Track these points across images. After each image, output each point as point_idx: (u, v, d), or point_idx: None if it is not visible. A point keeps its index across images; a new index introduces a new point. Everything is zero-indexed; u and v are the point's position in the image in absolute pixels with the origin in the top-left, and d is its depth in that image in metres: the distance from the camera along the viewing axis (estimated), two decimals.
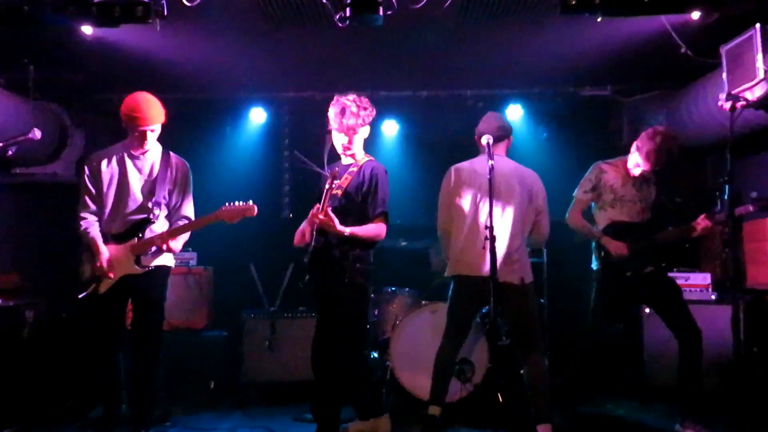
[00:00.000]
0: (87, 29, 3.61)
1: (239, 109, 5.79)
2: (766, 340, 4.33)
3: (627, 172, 3.91)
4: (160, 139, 3.64)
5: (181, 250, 4.99)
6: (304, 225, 3.57)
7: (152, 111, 3.46)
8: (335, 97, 3.52)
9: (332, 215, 3.27)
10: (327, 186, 3.34)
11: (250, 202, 3.44)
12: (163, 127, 3.57)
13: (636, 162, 3.86)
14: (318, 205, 3.30)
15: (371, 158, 3.62)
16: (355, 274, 3.42)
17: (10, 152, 3.18)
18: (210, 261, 5.23)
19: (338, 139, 3.53)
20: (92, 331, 3.58)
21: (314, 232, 3.43)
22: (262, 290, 5.22)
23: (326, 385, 3.41)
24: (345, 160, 3.61)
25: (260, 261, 5.41)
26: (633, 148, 3.87)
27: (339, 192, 3.45)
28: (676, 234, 3.82)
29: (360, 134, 3.53)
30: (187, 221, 3.61)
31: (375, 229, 3.44)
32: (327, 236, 3.40)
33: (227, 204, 3.43)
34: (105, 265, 3.39)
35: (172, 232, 3.46)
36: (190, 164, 3.78)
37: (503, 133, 3.66)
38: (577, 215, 3.92)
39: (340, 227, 3.28)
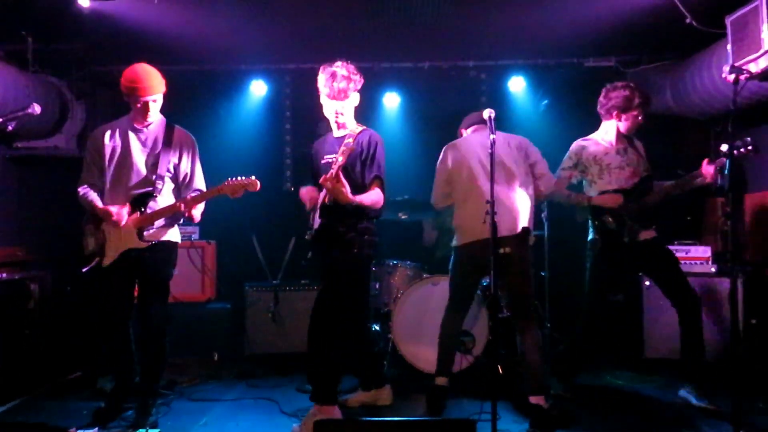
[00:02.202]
0: (84, 1, 3.57)
1: (240, 82, 5.74)
2: (765, 312, 4.35)
3: (606, 140, 3.93)
4: (162, 111, 3.61)
5: (184, 224, 5.06)
6: (309, 188, 3.59)
7: (152, 80, 3.40)
8: (322, 66, 3.48)
9: (344, 181, 3.22)
10: (339, 155, 3.27)
11: (253, 177, 3.38)
12: (164, 98, 3.53)
13: (611, 125, 3.90)
14: (330, 173, 3.23)
15: (365, 127, 3.57)
16: (363, 246, 3.43)
17: (10, 127, 3.15)
18: (212, 234, 5.25)
19: (330, 107, 3.49)
20: (101, 304, 3.57)
21: (317, 209, 3.42)
22: (265, 263, 5.26)
23: (322, 354, 3.40)
24: (337, 132, 3.56)
25: (262, 234, 5.44)
26: (604, 112, 3.92)
27: (342, 161, 3.39)
28: (680, 185, 3.79)
29: (351, 101, 3.49)
30: (198, 193, 3.58)
31: (375, 195, 3.41)
32: (330, 214, 3.37)
33: (230, 179, 3.39)
34: (112, 212, 3.36)
35: (195, 199, 3.43)
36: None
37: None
38: (560, 188, 3.94)
39: (350, 195, 3.24)
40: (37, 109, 3.20)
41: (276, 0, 4.21)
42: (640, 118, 3.85)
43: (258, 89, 5.79)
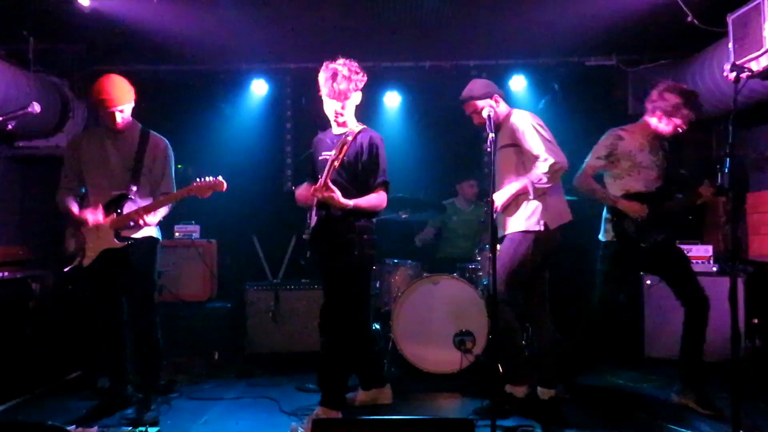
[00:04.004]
0: (84, 1, 3.57)
1: (241, 81, 5.74)
2: (767, 312, 4.34)
3: (643, 137, 3.79)
4: (160, 110, 3.65)
5: (185, 223, 5.09)
6: (306, 185, 3.57)
7: (117, 92, 3.49)
8: (325, 63, 3.42)
9: (334, 188, 3.22)
10: (331, 157, 3.28)
11: (220, 177, 3.45)
12: (164, 98, 3.56)
13: (652, 122, 3.75)
14: (320, 180, 3.25)
15: (365, 126, 3.54)
16: (364, 245, 3.41)
17: (9, 126, 3.16)
18: (213, 233, 5.26)
19: (330, 106, 3.46)
20: (88, 302, 3.67)
21: (315, 206, 3.42)
22: (265, 262, 5.26)
23: (336, 356, 3.42)
24: (336, 130, 3.53)
25: (263, 233, 5.45)
26: (650, 108, 3.74)
27: (336, 163, 3.35)
28: (682, 202, 3.77)
29: (352, 100, 3.45)
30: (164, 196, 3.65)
31: (377, 199, 3.40)
32: (329, 209, 3.37)
33: (198, 179, 3.47)
34: (87, 218, 3.47)
35: (147, 208, 3.49)
36: (192, 136, 3.80)
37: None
38: (588, 179, 3.79)
39: (343, 200, 3.25)
40: (36, 108, 3.21)
41: (276, 0, 4.21)
42: (680, 129, 3.71)
43: (259, 89, 5.79)
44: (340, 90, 3.35)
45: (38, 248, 4.97)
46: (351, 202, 3.29)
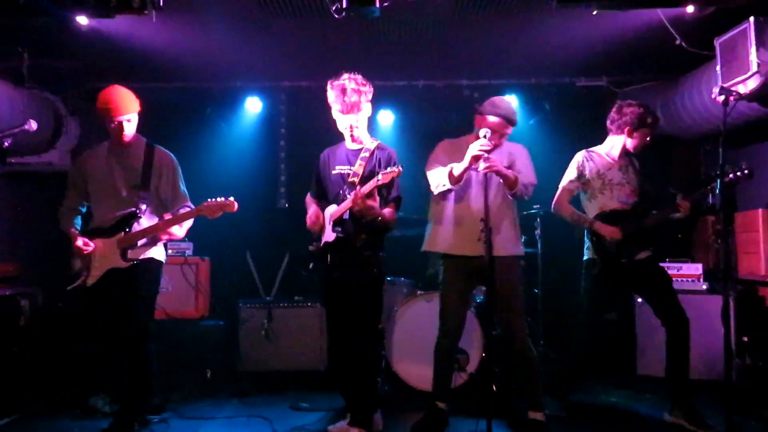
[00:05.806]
0: (82, 20, 3.58)
1: (235, 99, 5.76)
2: (757, 329, 4.38)
3: (610, 155, 3.92)
4: (154, 127, 3.65)
5: (176, 241, 5.05)
6: (315, 209, 3.57)
7: (123, 101, 3.46)
8: (329, 82, 3.45)
9: (376, 196, 3.26)
10: (379, 174, 3.23)
11: (231, 198, 3.39)
12: (158, 115, 3.56)
13: (618, 141, 3.88)
14: (358, 189, 3.24)
15: (379, 141, 3.57)
16: (381, 264, 3.45)
17: (6, 143, 3.17)
18: (207, 251, 5.23)
19: (344, 122, 3.47)
20: (95, 324, 3.58)
21: (331, 223, 3.43)
22: (259, 280, 5.25)
23: (368, 379, 3.46)
24: (351, 145, 3.56)
25: (257, 251, 5.44)
26: (615, 127, 3.88)
27: (356, 179, 3.39)
28: (660, 216, 3.79)
29: (365, 112, 3.47)
30: (188, 208, 3.60)
31: (392, 213, 3.45)
32: (344, 226, 3.38)
33: (209, 200, 3.41)
34: (81, 245, 3.43)
35: (168, 222, 3.46)
36: (186, 153, 3.78)
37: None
38: (564, 203, 3.91)
39: (379, 210, 3.29)
40: (33, 125, 3.23)
41: (271, 19, 4.24)
42: (648, 138, 3.82)
43: (253, 106, 5.81)
44: (352, 103, 3.37)
45: (28, 265, 4.94)
46: (383, 212, 3.34)
